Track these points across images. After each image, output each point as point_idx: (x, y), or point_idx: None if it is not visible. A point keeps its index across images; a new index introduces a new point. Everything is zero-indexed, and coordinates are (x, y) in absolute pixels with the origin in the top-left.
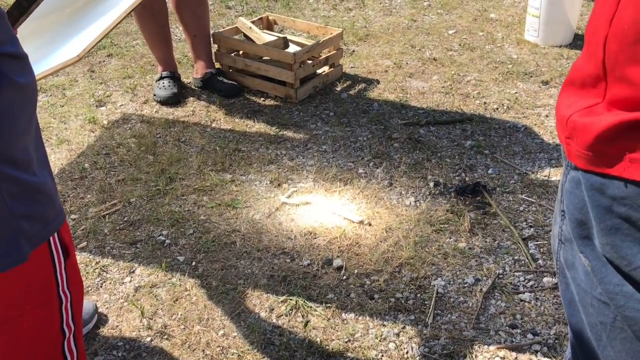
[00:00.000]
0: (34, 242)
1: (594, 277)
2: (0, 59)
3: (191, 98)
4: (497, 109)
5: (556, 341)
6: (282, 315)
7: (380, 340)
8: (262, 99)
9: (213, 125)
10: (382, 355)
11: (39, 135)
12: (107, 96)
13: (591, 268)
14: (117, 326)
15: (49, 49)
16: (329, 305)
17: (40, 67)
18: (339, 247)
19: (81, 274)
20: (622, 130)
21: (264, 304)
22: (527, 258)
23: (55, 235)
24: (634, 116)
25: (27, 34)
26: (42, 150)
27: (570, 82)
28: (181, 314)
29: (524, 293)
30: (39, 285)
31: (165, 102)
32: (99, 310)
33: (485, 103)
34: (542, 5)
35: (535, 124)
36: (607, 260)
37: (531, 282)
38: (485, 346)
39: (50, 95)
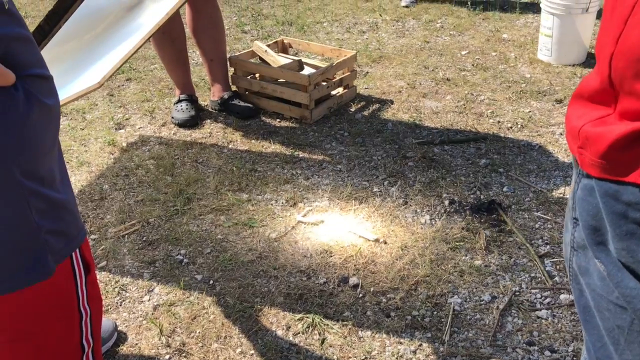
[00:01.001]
0: (58, 257)
1: (610, 281)
2: (30, 81)
3: (208, 120)
4: (511, 127)
5: (574, 358)
6: (299, 333)
7: (397, 358)
8: (278, 120)
9: (230, 146)
10: None
11: (61, 155)
12: (126, 119)
13: (607, 273)
14: (137, 344)
15: (71, 75)
16: (345, 323)
17: (63, 93)
18: (354, 265)
19: (101, 292)
20: (635, 139)
21: (280, 322)
22: (544, 275)
23: (77, 251)
24: None
25: (48, 60)
26: (64, 169)
27: (579, 95)
28: (199, 332)
29: (540, 310)
30: (62, 299)
31: (183, 124)
32: (118, 329)
33: (499, 122)
34: (554, 25)
35: (550, 142)
36: (623, 265)
37: (548, 299)
38: None
39: (71, 119)
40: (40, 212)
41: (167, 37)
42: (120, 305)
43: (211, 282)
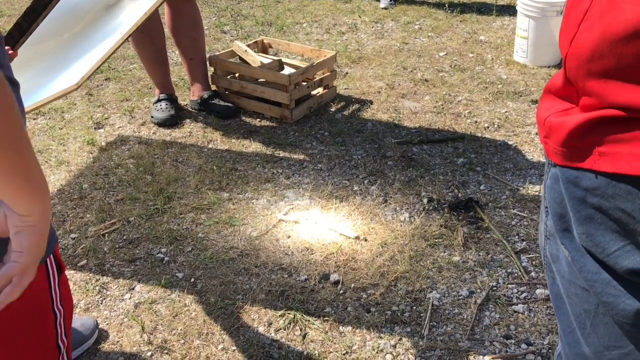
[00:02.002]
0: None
1: (575, 266)
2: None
3: (188, 120)
4: (488, 127)
5: (550, 351)
6: (281, 329)
7: (377, 352)
8: (258, 120)
9: (210, 145)
10: None
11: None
12: (105, 119)
13: (571, 258)
14: (118, 341)
15: (49, 76)
16: (326, 318)
17: (41, 94)
18: (335, 263)
19: (82, 291)
20: (591, 127)
21: (262, 319)
22: (520, 271)
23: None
24: (600, 113)
25: (28, 59)
26: None
27: (548, 90)
28: (181, 329)
29: (517, 304)
30: (37, 302)
31: (163, 123)
32: (99, 327)
33: (476, 122)
34: (530, 27)
35: (526, 142)
36: (585, 249)
37: (524, 294)
38: (480, 357)
39: (50, 119)
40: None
41: (146, 36)
42: (101, 303)
43: (192, 280)
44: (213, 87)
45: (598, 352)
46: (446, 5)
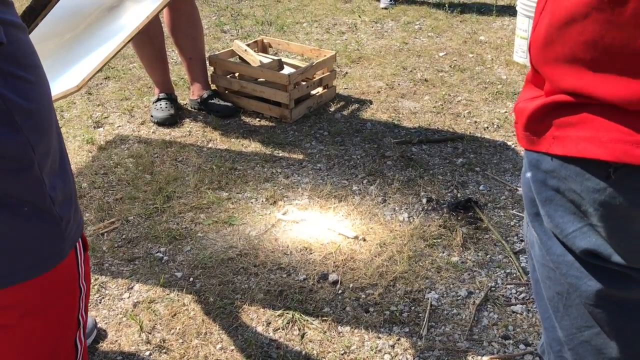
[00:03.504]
0: (72, 242)
1: (544, 249)
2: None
3: (187, 119)
4: (488, 127)
5: None
6: (279, 328)
7: (375, 352)
8: (258, 119)
9: (209, 145)
10: None
11: (61, 142)
12: (105, 118)
13: (540, 241)
14: (116, 341)
15: (50, 76)
16: (324, 318)
17: None
18: (334, 262)
19: None
20: (546, 111)
21: (260, 318)
22: (519, 271)
23: None
24: (554, 99)
25: None
26: (65, 155)
27: (527, 80)
28: (179, 329)
29: (515, 305)
30: (68, 277)
31: (162, 123)
32: (98, 326)
33: (475, 122)
34: (529, 27)
35: None
36: (552, 232)
37: (523, 295)
38: (479, 357)
39: None
40: (59, 203)
41: (146, 36)
42: (100, 302)
43: (191, 279)
44: (213, 87)
45: (571, 335)
46: (446, 5)
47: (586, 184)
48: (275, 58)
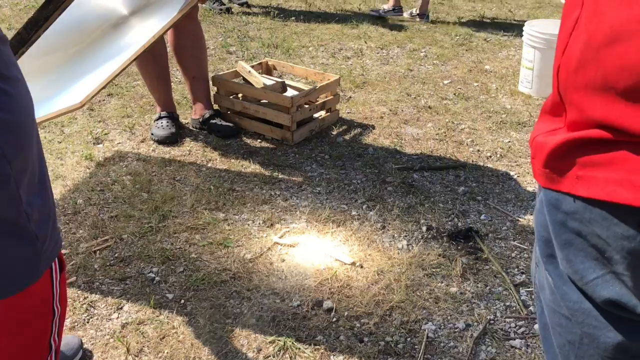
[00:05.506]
0: (48, 261)
1: (557, 294)
2: None
3: (188, 138)
4: (491, 156)
5: None
6: (270, 356)
7: None
8: (259, 140)
9: (209, 165)
10: None
11: (42, 159)
12: (105, 134)
13: (554, 285)
14: None
15: (52, 90)
16: (317, 347)
17: (43, 110)
18: (329, 289)
19: (69, 309)
20: (570, 148)
21: (251, 344)
22: (519, 304)
23: None
24: (579, 135)
25: (33, 71)
26: (44, 172)
27: (543, 110)
28: (167, 352)
29: (514, 339)
30: (42, 297)
31: (163, 141)
32: (84, 346)
33: (478, 151)
34: (535, 58)
35: (528, 172)
36: (568, 277)
37: (522, 329)
38: None
39: (49, 132)
40: (36, 221)
41: (149, 54)
42: (88, 322)
43: (182, 301)
44: (215, 107)
45: None
46: (452, 33)
47: (614, 229)
48: (279, 80)
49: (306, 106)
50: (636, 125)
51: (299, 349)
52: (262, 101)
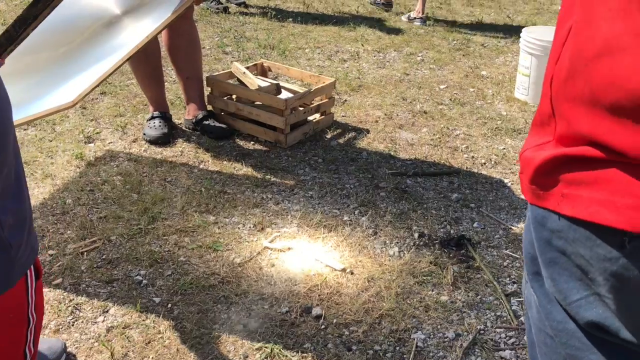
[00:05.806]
0: (23, 269)
1: (542, 313)
2: None
3: (181, 139)
4: (485, 163)
5: None
6: None
7: None
8: (252, 142)
9: (200, 166)
10: None
11: (20, 164)
12: (97, 133)
13: (539, 304)
14: None
15: (43, 89)
16: (305, 355)
17: (33, 108)
18: (319, 295)
19: (54, 311)
20: (556, 165)
21: (238, 351)
22: (509, 314)
23: None
24: (565, 152)
25: (21, 69)
26: (22, 178)
27: (534, 123)
28: (152, 357)
29: (504, 350)
30: (16, 306)
31: (155, 141)
32: (67, 350)
33: (473, 157)
34: (532, 65)
35: None
36: (554, 297)
37: (512, 339)
38: None
39: (40, 130)
40: (9, 227)
41: (142, 53)
42: (73, 325)
43: (169, 305)
44: (209, 107)
45: None
46: (450, 38)
47: (596, 250)
48: (274, 82)
49: (300, 109)
50: (621, 144)
51: (286, 356)
52: (256, 103)
